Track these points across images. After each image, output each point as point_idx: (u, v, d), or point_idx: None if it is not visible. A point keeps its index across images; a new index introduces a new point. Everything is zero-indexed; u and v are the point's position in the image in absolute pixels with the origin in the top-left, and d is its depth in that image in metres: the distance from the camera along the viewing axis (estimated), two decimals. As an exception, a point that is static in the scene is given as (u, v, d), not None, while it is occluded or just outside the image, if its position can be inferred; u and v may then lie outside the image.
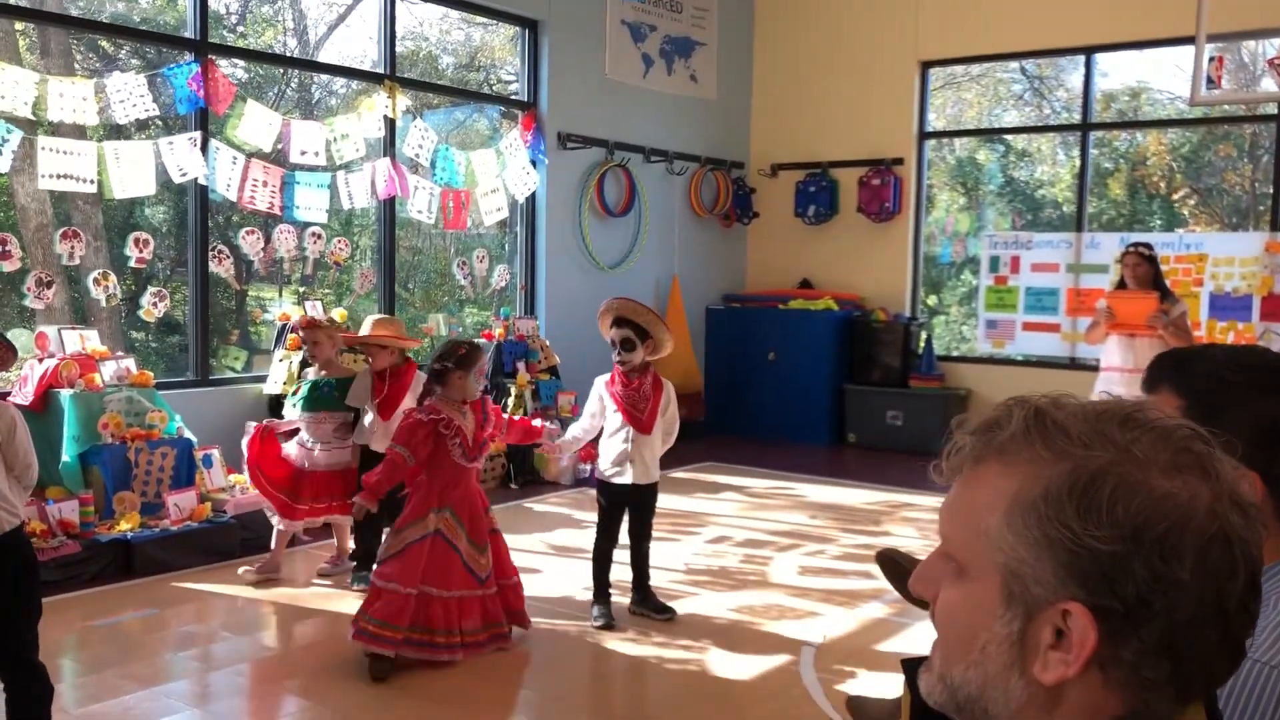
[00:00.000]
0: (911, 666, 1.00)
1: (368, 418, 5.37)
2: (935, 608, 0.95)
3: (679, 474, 8.09)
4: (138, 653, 4.49)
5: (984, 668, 0.90)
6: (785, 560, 6.02)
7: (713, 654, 4.54)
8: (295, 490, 5.38)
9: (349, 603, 5.12)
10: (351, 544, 5.56)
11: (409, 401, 5.03)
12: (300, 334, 5.43)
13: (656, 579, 5.15)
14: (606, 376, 4.94)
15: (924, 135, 10.20)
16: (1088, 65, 9.44)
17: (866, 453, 9.51)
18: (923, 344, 9.87)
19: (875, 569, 3.82)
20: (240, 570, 5.43)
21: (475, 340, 4.59)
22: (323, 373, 5.54)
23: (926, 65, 10.12)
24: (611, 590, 4.95)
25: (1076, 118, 9.73)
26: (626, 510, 4.97)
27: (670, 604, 5.02)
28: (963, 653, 0.91)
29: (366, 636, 4.18)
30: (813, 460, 9.07)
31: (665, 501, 5.36)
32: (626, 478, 4.88)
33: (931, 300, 11.05)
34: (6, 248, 5.94)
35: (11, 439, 3.14)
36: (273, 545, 5.48)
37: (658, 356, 4.91)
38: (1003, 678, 0.89)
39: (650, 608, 4.96)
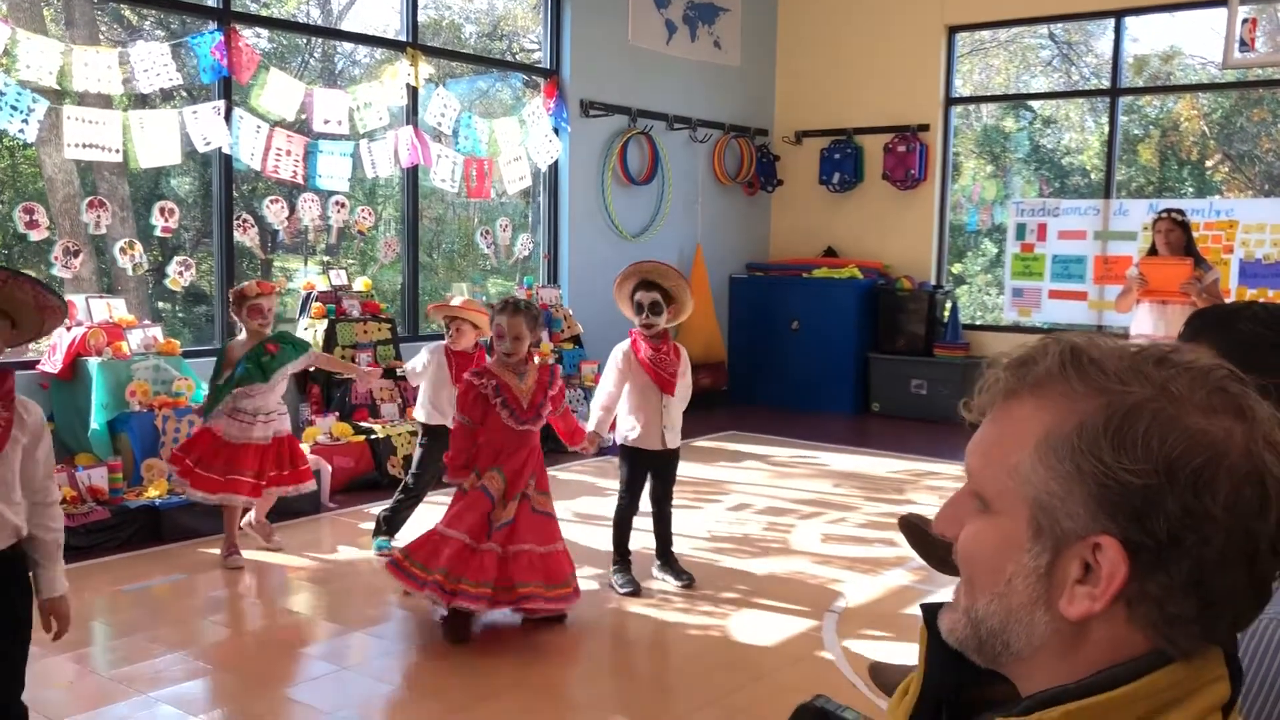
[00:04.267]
0: (931, 611, 1.00)
1: (422, 392, 5.37)
2: (959, 544, 0.94)
3: (701, 442, 8.09)
4: (166, 617, 4.55)
5: (1008, 600, 0.90)
6: (808, 528, 6.03)
7: (735, 620, 4.55)
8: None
9: (373, 567, 5.17)
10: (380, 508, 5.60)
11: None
12: (260, 300, 5.13)
13: (679, 546, 5.17)
14: (626, 344, 4.88)
15: (950, 101, 10.09)
16: (1117, 29, 9.29)
17: (890, 421, 9.48)
18: (948, 312, 9.80)
19: (898, 536, 3.82)
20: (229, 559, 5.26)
21: (506, 299, 4.47)
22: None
23: (953, 30, 9.99)
24: (631, 558, 4.96)
25: (1105, 83, 9.59)
26: (649, 475, 4.97)
27: (692, 570, 5.03)
28: (987, 586, 0.91)
29: (395, 567, 4.29)
30: (836, 429, 9.05)
31: (687, 469, 5.37)
32: (654, 443, 4.86)
33: (957, 268, 10.97)
34: (34, 217, 5.99)
35: (36, 445, 2.66)
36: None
37: (679, 321, 4.90)
38: (1027, 611, 0.89)
39: (672, 573, 4.98)
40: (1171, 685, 0.85)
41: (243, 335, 5.21)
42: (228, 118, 6.69)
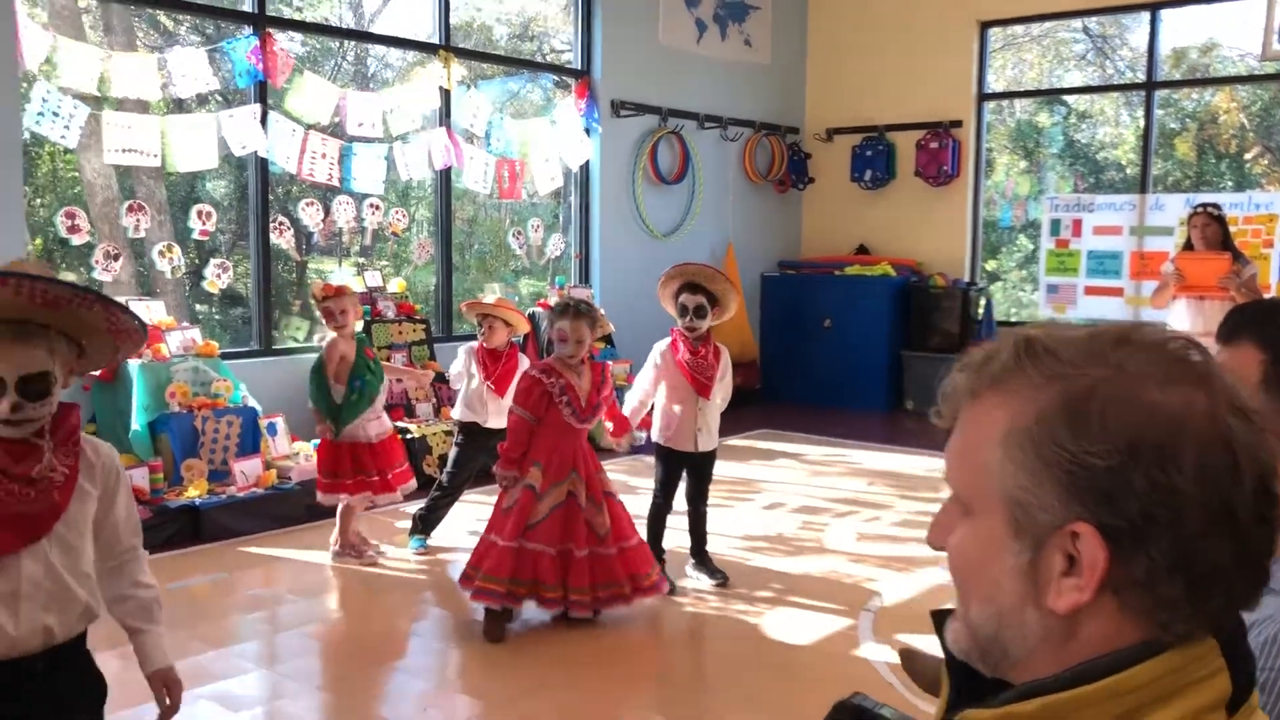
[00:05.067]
0: (940, 618, 0.99)
1: (463, 393, 5.40)
2: (949, 554, 0.94)
3: (735, 441, 8.09)
4: (208, 615, 4.62)
5: (998, 603, 0.89)
6: (842, 526, 6.01)
7: (770, 618, 4.56)
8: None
9: (412, 565, 5.22)
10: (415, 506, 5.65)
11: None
12: (328, 303, 5.10)
13: (713, 545, 5.16)
14: (665, 343, 4.89)
15: (983, 97, 10.02)
16: (1153, 22, 9.19)
17: (924, 419, 9.39)
18: (982, 309, 9.74)
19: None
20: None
21: (564, 301, 4.50)
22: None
23: (986, 25, 9.92)
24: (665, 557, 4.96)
25: (1141, 77, 9.49)
26: (683, 474, 4.98)
27: (726, 569, 5.04)
28: (977, 591, 0.91)
29: (475, 589, 4.29)
30: (870, 427, 9.02)
31: (721, 468, 5.36)
32: (687, 444, 4.88)
33: (991, 265, 10.90)
34: (75, 221, 6.08)
35: (114, 497, 2.14)
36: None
37: (721, 320, 4.90)
38: (1017, 612, 0.88)
39: (706, 571, 4.98)
40: (1159, 678, 0.83)
41: (330, 334, 5.23)
42: (263, 121, 6.76)
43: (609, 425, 4.86)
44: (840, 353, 9.91)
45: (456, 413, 5.47)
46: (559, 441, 4.35)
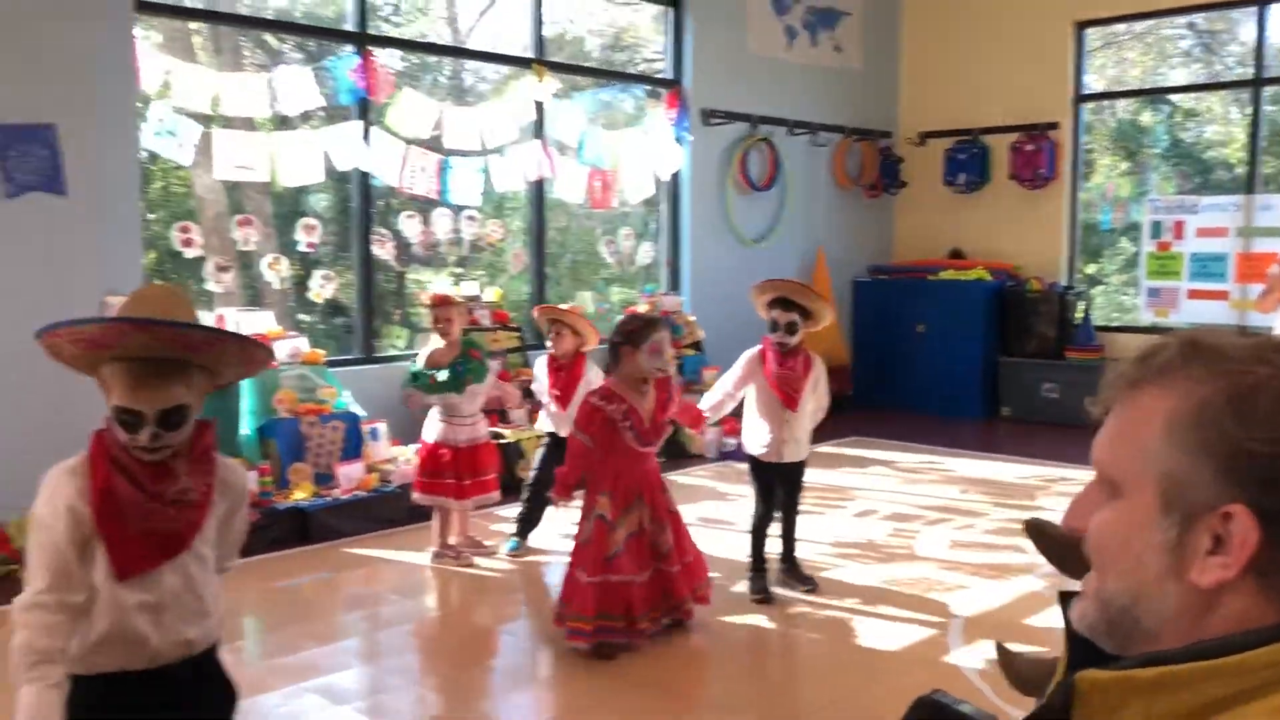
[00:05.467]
0: (1066, 599, 1.04)
1: (551, 405, 5.53)
2: (1090, 531, 0.99)
3: (825, 448, 8.07)
4: (314, 612, 4.82)
5: (1138, 576, 0.93)
6: (934, 534, 5.98)
7: (859, 623, 4.57)
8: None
9: (508, 567, 5.35)
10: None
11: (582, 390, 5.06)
12: (435, 311, 5.36)
13: (803, 551, 5.20)
14: (754, 352, 4.90)
15: (1080, 98, 9.84)
16: (1260, 17, 8.92)
17: (1021, 426, 9.29)
18: (1080, 314, 9.55)
19: (1027, 543, 3.79)
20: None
21: (651, 315, 4.47)
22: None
23: (1082, 25, 9.75)
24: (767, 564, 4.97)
25: (1250, 73, 9.22)
26: (775, 483, 4.99)
27: (816, 575, 5.07)
28: (1117, 565, 0.95)
29: (568, 631, 4.19)
30: (964, 434, 8.91)
31: (812, 475, 5.37)
32: (777, 456, 4.88)
33: (1090, 268, 10.67)
34: (189, 235, 6.39)
35: (235, 512, 2.28)
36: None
37: (812, 330, 4.89)
38: (1157, 585, 0.92)
39: (795, 578, 5.01)
40: None
41: (435, 341, 5.43)
42: (365, 137, 7.00)
43: (690, 430, 4.89)
44: (934, 358, 9.82)
45: (540, 422, 5.62)
46: (625, 467, 4.23)
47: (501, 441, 6.99)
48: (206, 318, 6.89)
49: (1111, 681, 0.89)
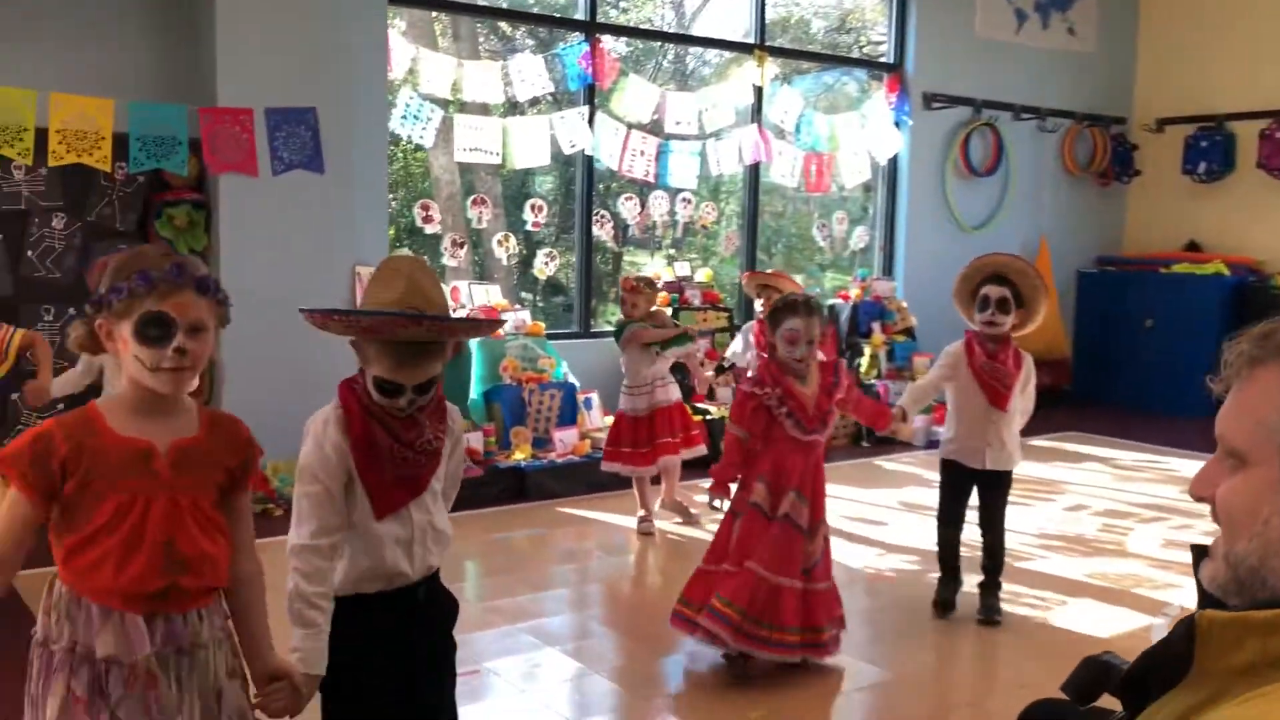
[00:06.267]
0: (1199, 553, 1.12)
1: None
2: (1218, 500, 1.08)
3: (1038, 441, 7.88)
4: (528, 563, 5.19)
5: (1266, 537, 1.02)
6: (1147, 531, 5.79)
7: (1059, 613, 4.52)
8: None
9: (707, 537, 5.56)
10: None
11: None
12: (624, 294, 5.71)
13: (1006, 540, 4.64)
14: (959, 344, 4.36)
15: (1342, 80, 9.12)
16: None
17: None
18: (1331, 313, 8.88)
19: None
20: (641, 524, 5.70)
21: (794, 296, 3.96)
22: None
23: (1349, 1, 9.03)
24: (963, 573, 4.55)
25: None
26: (972, 492, 4.43)
27: (1018, 565, 4.96)
28: (1245, 528, 1.04)
29: (681, 619, 3.87)
30: (1190, 434, 8.43)
31: (1023, 468, 5.01)
32: (974, 460, 4.33)
33: (1347, 265, 9.88)
34: (429, 213, 6.90)
35: (457, 448, 2.47)
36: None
37: (1024, 331, 4.30)
38: None
39: (984, 606, 4.40)
40: None
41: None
42: (590, 121, 7.34)
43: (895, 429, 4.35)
44: (1162, 355, 9.36)
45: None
46: (785, 457, 3.74)
47: (709, 418, 7.21)
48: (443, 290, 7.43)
49: (1230, 621, 0.99)
